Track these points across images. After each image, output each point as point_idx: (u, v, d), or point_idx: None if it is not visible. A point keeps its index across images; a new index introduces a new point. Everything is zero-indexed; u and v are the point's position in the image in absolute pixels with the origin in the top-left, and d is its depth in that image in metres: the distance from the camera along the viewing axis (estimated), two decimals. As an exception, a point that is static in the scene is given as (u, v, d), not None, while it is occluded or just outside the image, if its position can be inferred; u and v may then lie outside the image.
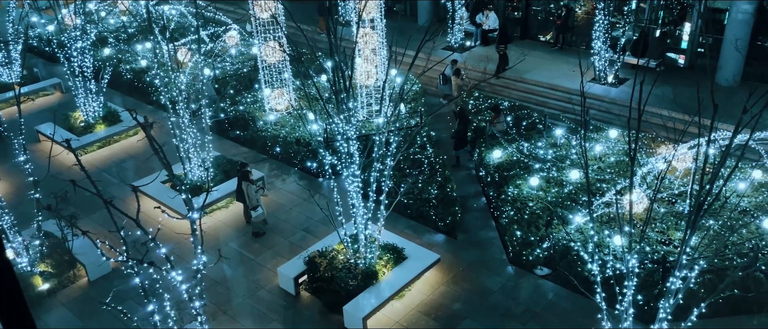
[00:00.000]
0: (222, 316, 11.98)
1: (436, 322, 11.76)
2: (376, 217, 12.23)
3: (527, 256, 12.84)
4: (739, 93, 7.86)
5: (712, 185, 7.50)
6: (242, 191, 14.34)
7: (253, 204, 14.04)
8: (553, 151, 16.03)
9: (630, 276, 8.18)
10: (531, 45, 23.62)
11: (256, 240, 14.31)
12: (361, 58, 17.82)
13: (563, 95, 19.62)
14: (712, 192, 7.57)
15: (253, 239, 14.35)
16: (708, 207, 7.69)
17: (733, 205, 12.94)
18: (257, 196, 14.11)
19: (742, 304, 11.05)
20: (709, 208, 7.73)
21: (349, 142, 11.31)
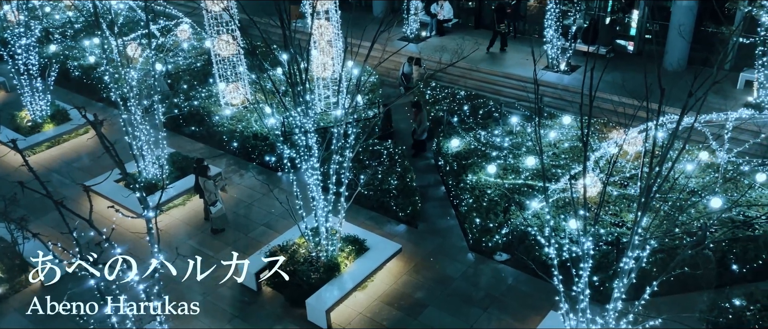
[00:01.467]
0: (182, 315, 11.77)
1: (399, 311, 11.85)
2: (336, 210, 12.22)
3: (486, 243, 13.05)
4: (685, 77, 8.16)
5: (661, 167, 7.75)
6: (199, 189, 14.13)
7: (211, 199, 13.84)
8: (510, 138, 16.29)
9: (585, 258, 8.41)
10: (486, 35, 23.85)
11: (216, 237, 14.12)
12: (316, 50, 17.70)
13: (517, 83, 19.92)
14: (661, 174, 7.83)
15: (212, 236, 14.15)
16: (658, 189, 7.96)
17: (682, 186, 13.41)
18: (216, 192, 13.91)
19: (692, 282, 11.49)
20: (658, 190, 8.00)
21: (307, 134, 11.25)
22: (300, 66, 10.96)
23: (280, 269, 11.80)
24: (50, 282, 11.51)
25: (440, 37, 23.66)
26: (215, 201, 13.88)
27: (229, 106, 18.76)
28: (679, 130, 7.86)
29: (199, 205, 14.99)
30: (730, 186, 13.84)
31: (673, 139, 7.81)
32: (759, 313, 10.27)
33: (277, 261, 11.73)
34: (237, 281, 12.60)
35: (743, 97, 17.59)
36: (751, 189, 13.59)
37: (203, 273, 10.73)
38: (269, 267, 12.12)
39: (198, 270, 11.14)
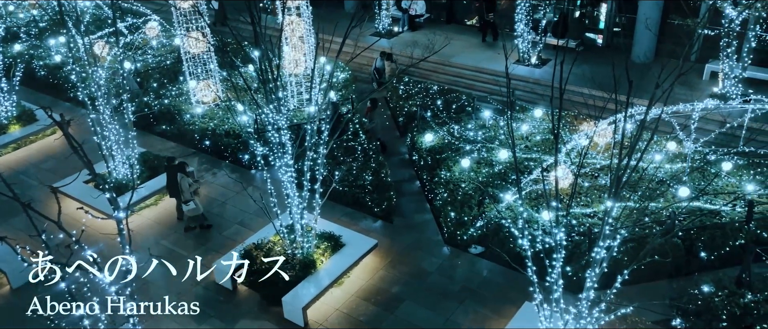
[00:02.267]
0: (157, 316, 11.62)
1: (375, 306, 11.88)
2: (311, 206, 12.19)
3: (461, 236, 13.14)
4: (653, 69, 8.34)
5: (630, 158, 7.89)
6: (175, 186, 13.97)
7: (185, 198, 13.68)
8: (483, 132, 16.42)
9: (558, 249, 8.53)
10: (458, 29, 23.99)
11: (189, 237, 13.96)
12: (288, 47, 17.60)
13: (490, 77, 20.07)
14: (630, 165, 7.98)
15: (184, 235, 14.00)
16: (627, 180, 8.11)
17: (651, 176, 13.68)
18: (191, 190, 13.75)
19: (661, 269, 11.74)
20: (628, 180, 8.15)
21: (280, 131, 11.19)
22: (272, 62, 10.89)
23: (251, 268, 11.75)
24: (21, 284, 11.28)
25: (412, 32, 23.71)
26: (188, 200, 13.72)
27: (200, 104, 18.54)
28: (647, 121, 8.01)
29: (172, 205, 14.80)
30: (698, 175, 14.16)
31: (641, 130, 7.95)
32: (727, 299, 10.54)
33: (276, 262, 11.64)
34: (211, 280, 12.50)
35: (709, 87, 17.99)
36: (717, 178, 13.92)
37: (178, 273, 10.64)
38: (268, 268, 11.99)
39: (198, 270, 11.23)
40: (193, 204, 13.81)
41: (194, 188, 13.83)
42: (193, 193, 13.74)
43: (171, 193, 14.40)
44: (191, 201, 13.78)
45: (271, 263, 11.64)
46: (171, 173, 14.13)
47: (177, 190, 14.09)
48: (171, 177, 14.14)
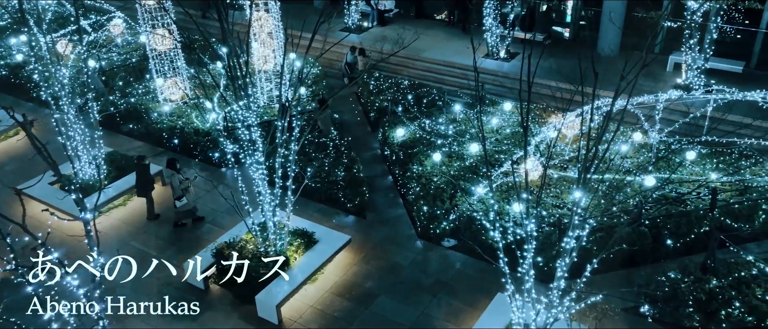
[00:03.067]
0: (128, 318, 11.45)
1: (350, 302, 11.88)
2: (283, 203, 12.12)
3: (434, 230, 13.23)
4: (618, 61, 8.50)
5: (597, 149, 8.04)
6: (144, 186, 13.74)
7: (177, 194, 13.56)
8: (454, 126, 16.53)
9: (529, 240, 8.65)
10: (427, 24, 24.07)
11: (160, 237, 13.77)
12: (257, 43, 17.45)
13: (459, 72, 20.20)
14: (597, 155, 8.13)
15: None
16: (595, 170, 8.25)
17: (618, 167, 13.95)
18: (181, 187, 13.61)
19: (629, 258, 11.99)
20: (596, 171, 8.30)
21: (250, 129, 11.10)
22: (240, 59, 10.78)
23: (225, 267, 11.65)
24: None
25: (382, 27, 23.72)
26: (181, 196, 13.58)
27: (167, 102, 18.27)
28: (612, 112, 8.16)
29: (142, 205, 14.58)
30: (663, 164, 14.48)
31: (608, 122, 8.10)
32: (693, 284, 10.82)
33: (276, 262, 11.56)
34: (183, 280, 12.35)
35: (672, 78, 18.40)
36: (682, 167, 14.26)
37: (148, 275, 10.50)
38: (216, 266, 11.91)
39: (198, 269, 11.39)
40: (185, 200, 13.67)
41: (185, 186, 13.69)
42: (184, 190, 13.60)
43: (139, 193, 14.17)
44: (183, 197, 13.61)
45: (271, 263, 11.62)
46: (141, 172, 13.91)
47: (147, 189, 13.86)
48: (141, 176, 13.91)
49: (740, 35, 18.38)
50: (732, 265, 11.16)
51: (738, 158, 14.60)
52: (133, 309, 10.70)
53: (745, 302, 10.34)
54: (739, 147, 14.77)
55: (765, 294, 10.43)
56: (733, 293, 10.52)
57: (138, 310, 10.77)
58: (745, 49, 19.12)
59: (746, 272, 10.92)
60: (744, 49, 19.08)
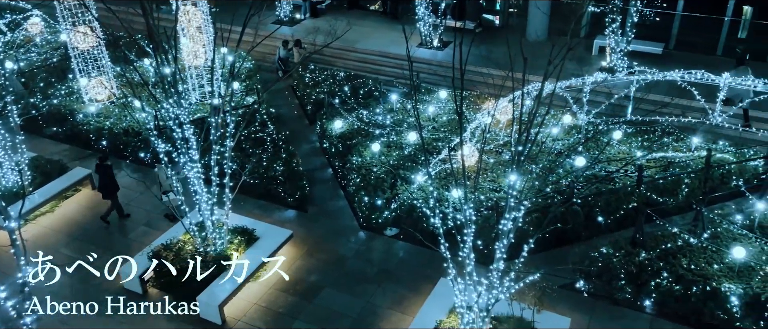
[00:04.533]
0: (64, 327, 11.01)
1: (294, 297, 11.81)
2: (221, 201, 11.89)
3: (376, 219, 13.30)
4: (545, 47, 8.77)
5: (529, 133, 8.27)
6: (109, 187, 13.41)
7: (164, 188, 13.19)
8: (391, 116, 16.62)
9: (468, 225, 8.83)
10: (361, 15, 24.04)
11: (92, 243, 13.24)
12: (186, 38, 16.98)
13: (395, 62, 20.30)
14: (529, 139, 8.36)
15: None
16: (528, 153, 8.50)
17: (549, 149, 14.41)
18: (169, 181, 13.16)
19: (564, 236, 12.44)
20: (528, 154, 8.55)
21: (182, 126, 10.81)
22: (168, 55, 10.47)
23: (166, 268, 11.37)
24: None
25: (314, 18, 23.53)
26: (167, 192, 13.17)
27: (93, 102, 17.54)
28: (542, 96, 8.41)
29: (71, 210, 13.98)
30: (592, 145, 15.06)
31: (538, 105, 8.34)
32: (624, 258, 11.33)
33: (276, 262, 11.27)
34: (119, 285, 11.97)
35: (598, 62, 19.11)
36: (609, 147, 14.87)
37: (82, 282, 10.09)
38: (154, 269, 11.59)
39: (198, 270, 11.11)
40: (172, 195, 13.23)
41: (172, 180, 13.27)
42: (171, 186, 13.16)
43: (105, 195, 13.62)
44: (170, 192, 13.20)
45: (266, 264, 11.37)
46: (104, 173, 13.41)
47: (111, 191, 13.36)
48: (103, 177, 13.40)
49: (659, 18, 19.26)
50: (659, 238, 11.76)
51: (661, 136, 15.35)
52: (69, 316, 10.29)
53: (673, 272, 10.93)
54: (661, 125, 15.55)
55: (690, 264, 11.04)
56: (661, 264, 11.08)
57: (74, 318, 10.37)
58: (664, 31, 20.09)
59: (672, 244, 11.53)
60: (663, 31, 20.04)
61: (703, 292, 10.59)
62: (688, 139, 15.10)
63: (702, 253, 11.30)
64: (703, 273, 10.85)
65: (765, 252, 11.24)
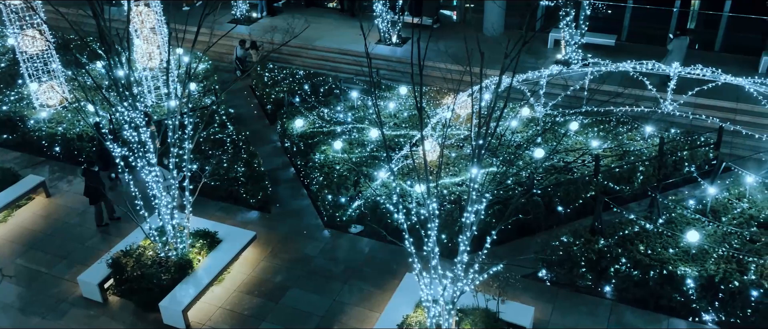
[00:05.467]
0: None
1: (260, 298, 11.71)
2: (182, 205, 11.69)
3: (341, 217, 13.28)
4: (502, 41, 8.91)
5: (488, 126, 8.38)
6: (95, 193, 13.07)
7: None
8: (352, 113, 16.60)
9: (432, 219, 8.90)
10: (319, 12, 23.92)
11: (48, 253, 12.86)
12: (139, 39, 16.60)
13: (354, 59, 20.27)
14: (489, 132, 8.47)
15: (61, 243, 13.12)
16: (488, 147, 8.61)
17: (509, 141, 14.62)
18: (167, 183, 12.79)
19: (525, 227, 12.65)
20: (488, 147, 8.65)
21: (138, 130, 10.58)
22: (122, 57, 10.23)
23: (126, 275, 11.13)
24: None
25: (271, 16, 23.30)
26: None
27: (45, 107, 17.00)
28: (500, 89, 8.53)
29: (24, 220, 13.54)
30: (549, 136, 15.34)
31: (495, 99, 8.45)
32: (584, 246, 11.59)
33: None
34: (78, 294, 11.67)
35: (553, 55, 19.48)
36: (566, 137, 15.17)
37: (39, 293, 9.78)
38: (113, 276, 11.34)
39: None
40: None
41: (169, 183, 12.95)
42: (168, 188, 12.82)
43: (92, 200, 13.29)
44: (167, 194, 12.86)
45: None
46: (90, 178, 13.07)
47: (97, 196, 13.09)
48: (90, 182, 13.07)
49: (611, 11, 19.72)
50: (617, 225, 12.06)
51: (615, 125, 15.75)
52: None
53: (631, 258, 11.23)
54: (615, 115, 15.94)
55: (647, 249, 11.37)
56: (620, 250, 11.37)
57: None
58: (616, 23, 20.60)
59: (629, 230, 11.85)
60: (615, 23, 20.55)
61: (661, 276, 10.92)
62: (641, 128, 15.53)
63: (658, 238, 11.65)
64: (659, 257, 11.19)
65: (717, 235, 11.66)
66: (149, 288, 11.29)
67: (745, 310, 10.45)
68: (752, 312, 10.41)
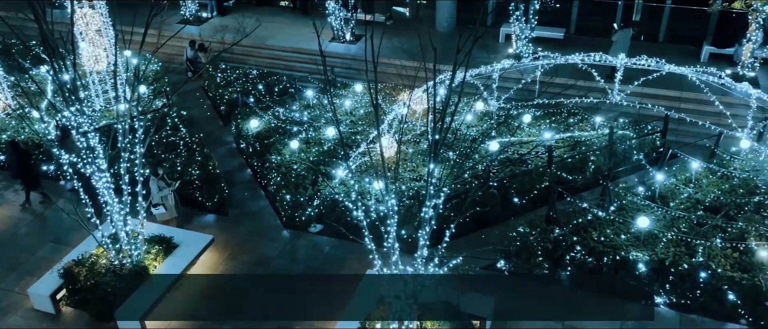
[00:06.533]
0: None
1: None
2: (135, 210, 11.41)
3: (300, 217, 13.20)
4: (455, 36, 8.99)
5: (443, 121, 8.46)
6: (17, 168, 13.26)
7: (155, 201, 12.51)
8: (308, 112, 16.50)
9: (391, 215, 8.93)
10: (271, 11, 23.67)
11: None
12: (85, 42, 16.11)
13: (308, 57, 20.15)
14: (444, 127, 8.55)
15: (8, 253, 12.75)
16: (444, 141, 8.69)
17: (464, 135, 14.80)
18: (161, 195, 12.58)
19: (483, 219, 12.84)
20: (444, 141, 8.74)
21: (87, 135, 10.27)
22: (67, 61, 9.90)
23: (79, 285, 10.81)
24: None
25: (222, 16, 22.94)
26: (158, 205, 12.54)
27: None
28: (454, 84, 8.62)
29: None
30: (504, 129, 15.60)
31: (450, 94, 8.53)
32: (540, 236, 11.84)
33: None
34: (28, 306, 11.26)
35: (505, 49, 19.79)
36: (520, 130, 15.46)
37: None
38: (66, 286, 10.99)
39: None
40: (162, 209, 12.66)
41: (164, 193, 12.63)
42: (163, 198, 12.61)
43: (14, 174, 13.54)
44: (161, 205, 12.59)
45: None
46: (13, 152, 13.34)
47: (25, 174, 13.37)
48: (13, 158, 13.35)
49: (560, 5, 20.16)
50: (571, 214, 12.37)
51: (566, 117, 16.12)
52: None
53: (585, 245, 11.53)
54: (566, 106, 16.32)
55: (600, 236, 11.69)
56: (574, 239, 11.67)
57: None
58: (565, 17, 21.08)
59: (583, 218, 12.17)
60: (564, 17, 21.02)
61: (614, 262, 11.25)
62: (591, 119, 15.94)
63: (610, 225, 12.00)
64: (612, 244, 11.53)
65: (666, 220, 12.08)
66: (104, 297, 10.99)
67: (695, 291, 10.87)
68: (701, 293, 10.83)
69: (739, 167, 13.74)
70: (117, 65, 10.60)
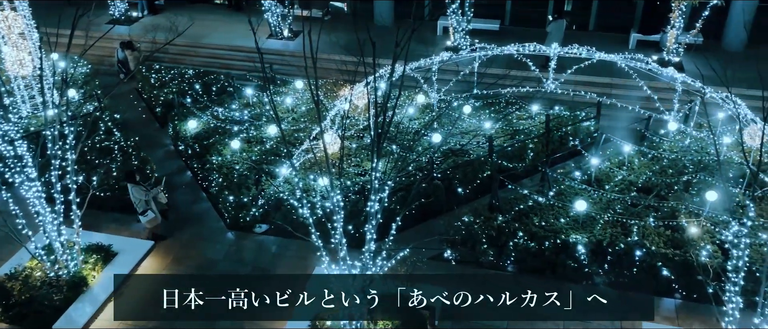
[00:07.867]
0: None
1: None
2: (70, 219, 10.96)
3: (244, 218, 12.99)
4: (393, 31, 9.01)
5: (385, 115, 8.50)
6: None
7: (140, 208, 11.98)
8: (248, 110, 16.24)
9: (337, 211, 8.92)
10: (204, 9, 23.13)
11: None
12: (8, 46, 15.31)
13: (246, 55, 19.82)
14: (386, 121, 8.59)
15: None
16: (386, 135, 8.73)
17: (407, 128, 14.91)
18: (145, 199, 12.01)
19: (428, 210, 12.99)
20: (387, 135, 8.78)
21: (13, 143, 9.78)
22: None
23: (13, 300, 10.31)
24: None
25: (153, 15, 22.27)
26: (145, 211, 11.95)
27: None
28: (394, 78, 8.66)
29: None
30: (445, 120, 15.80)
31: (390, 88, 8.58)
32: (484, 224, 12.08)
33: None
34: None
35: (442, 42, 20.03)
36: (460, 121, 15.70)
37: None
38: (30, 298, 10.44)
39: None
40: (151, 214, 12.16)
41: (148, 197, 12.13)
42: (147, 203, 12.07)
43: None
44: (148, 210, 12.03)
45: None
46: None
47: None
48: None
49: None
50: (513, 201, 12.67)
51: (505, 106, 16.48)
52: None
53: (527, 231, 11.85)
54: (504, 96, 16.68)
55: (541, 221, 12.04)
56: (517, 225, 11.97)
57: None
58: (500, 9, 21.53)
59: (524, 205, 12.49)
60: (499, 9, 21.46)
61: (555, 245, 11.60)
62: (528, 107, 16.36)
63: (550, 210, 12.37)
64: (552, 228, 11.89)
65: (602, 202, 12.54)
66: (40, 311, 10.53)
67: (632, 269, 11.35)
68: (638, 271, 11.32)
69: (667, 148, 14.41)
70: (43, 69, 10.13)
